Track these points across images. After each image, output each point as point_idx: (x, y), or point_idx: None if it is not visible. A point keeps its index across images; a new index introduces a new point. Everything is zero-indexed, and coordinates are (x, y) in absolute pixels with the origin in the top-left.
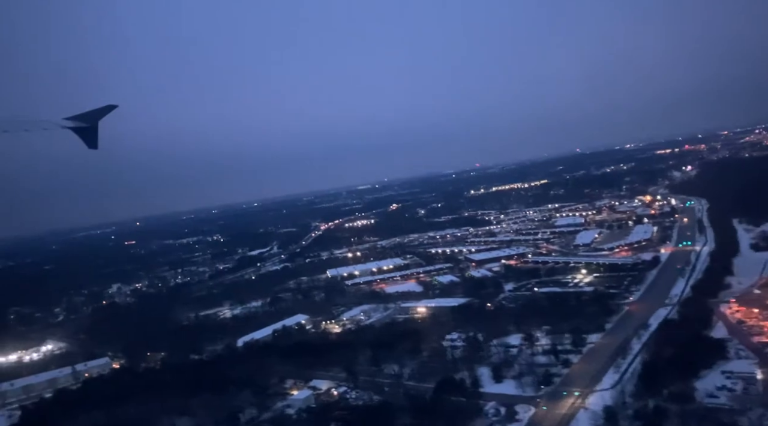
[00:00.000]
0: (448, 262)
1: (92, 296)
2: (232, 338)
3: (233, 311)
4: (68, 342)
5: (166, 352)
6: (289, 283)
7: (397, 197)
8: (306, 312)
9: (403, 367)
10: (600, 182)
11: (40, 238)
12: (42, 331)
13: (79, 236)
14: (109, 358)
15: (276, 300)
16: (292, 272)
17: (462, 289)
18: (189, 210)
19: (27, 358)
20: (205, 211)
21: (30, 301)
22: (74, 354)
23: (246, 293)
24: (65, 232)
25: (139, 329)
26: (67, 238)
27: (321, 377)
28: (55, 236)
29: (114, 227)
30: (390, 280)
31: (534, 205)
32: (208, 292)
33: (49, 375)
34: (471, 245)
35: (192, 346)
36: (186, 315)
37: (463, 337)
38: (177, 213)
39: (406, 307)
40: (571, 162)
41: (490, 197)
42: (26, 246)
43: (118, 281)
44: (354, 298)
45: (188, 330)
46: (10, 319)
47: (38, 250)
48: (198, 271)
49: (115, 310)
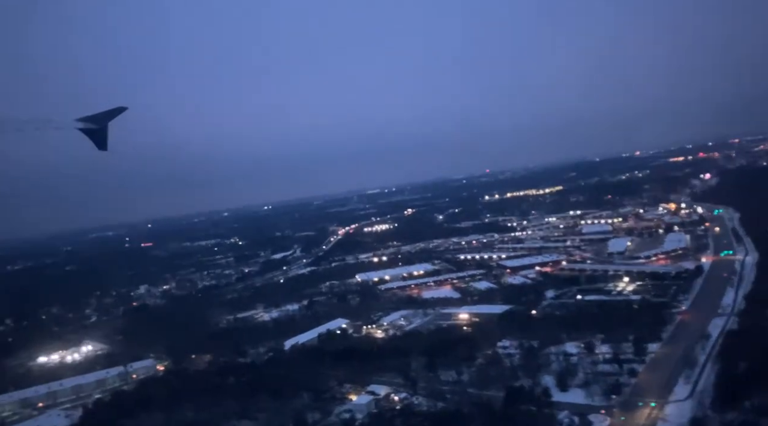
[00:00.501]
0: (480, 269)
1: (121, 297)
2: (274, 341)
3: (269, 314)
4: (106, 343)
5: (211, 355)
6: (319, 287)
7: (409, 202)
8: (344, 316)
9: (460, 373)
10: (618, 189)
11: (51, 239)
12: (77, 332)
13: (92, 237)
14: (153, 360)
15: (313, 304)
16: (320, 276)
17: (501, 295)
18: (199, 212)
19: (69, 358)
20: (216, 214)
21: (59, 301)
22: (115, 355)
23: (278, 296)
24: (75, 233)
25: (177, 331)
26: (80, 239)
27: (374, 382)
28: (66, 237)
29: (125, 229)
30: (424, 285)
31: (555, 212)
32: (239, 295)
33: (96, 375)
34: (500, 252)
35: (236, 349)
36: (221, 317)
37: (515, 344)
38: (187, 215)
39: (448, 314)
40: (582, 169)
41: (507, 203)
42: (39, 246)
43: (143, 283)
44: (389, 303)
45: (228, 332)
46: (43, 319)
47: (54, 251)
48: (224, 274)
49: (148, 311)
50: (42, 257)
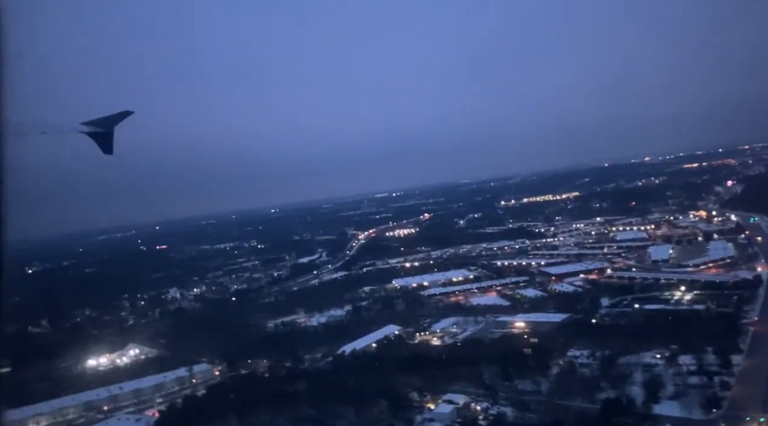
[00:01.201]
0: (521, 276)
1: (153, 300)
2: (327, 347)
3: (315, 319)
4: (151, 346)
5: (267, 359)
6: (357, 292)
7: (422, 206)
8: (392, 322)
9: (537, 383)
10: (640, 196)
11: (59, 241)
12: (117, 335)
13: (101, 239)
14: (208, 364)
15: (359, 309)
16: (355, 281)
17: (552, 303)
18: (205, 215)
19: (118, 361)
20: (223, 217)
21: (89, 304)
22: (165, 359)
23: (317, 301)
24: (83, 235)
25: (222, 335)
26: (89, 241)
27: (448, 391)
28: (74, 239)
29: (133, 231)
30: (466, 292)
31: (580, 218)
32: (275, 299)
33: (155, 379)
34: (536, 258)
35: (291, 354)
36: (263, 321)
37: (586, 353)
38: (193, 218)
39: (502, 321)
40: (594, 175)
41: (527, 209)
42: (50, 248)
43: (171, 286)
44: (435, 310)
45: (277, 337)
46: (78, 321)
47: (66, 253)
48: (253, 278)
49: (186, 314)
50: (57, 259)
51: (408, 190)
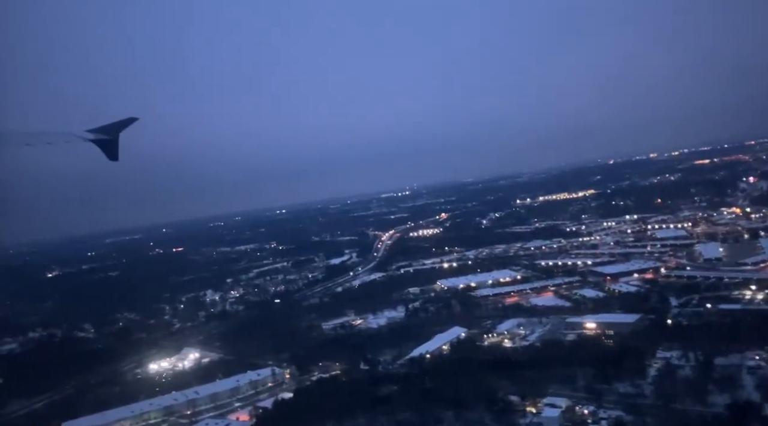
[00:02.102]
0: (570, 276)
1: (193, 303)
2: (395, 349)
3: (372, 321)
4: (208, 350)
5: (336, 362)
6: (402, 293)
7: (436, 206)
8: (451, 323)
9: (636, 386)
10: (663, 193)
11: (67, 244)
12: (168, 339)
13: (109, 242)
14: (277, 368)
15: (416, 311)
16: (396, 282)
17: (616, 304)
18: (209, 217)
19: (179, 366)
20: (227, 218)
21: (128, 308)
22: (228, 363)
23: (365, 303)
24: (88, 238)
25: (279, 337)
26: (97, 243)
27: (541, 394)
28: (81, 242)
29: (140, 233)
30: (519, 292)
31: (607, 216)
32: (320, 301)
33: (228, 384)
34: (580, 258)
35: (360, 357)
36: (317, 323)
37: (677, 355)
38: (198, 220)
39: (572, 323)
40: (603, 172)
41: (548, 207)
42: (59, 251)
43: (205, 288)
44: (493, 311)
45: (339, 339)
46: (124, 326)
47: (79, 257)
48: (289, 280)
49: (233, 317)
50: (74, 263)
51: (414, 189)
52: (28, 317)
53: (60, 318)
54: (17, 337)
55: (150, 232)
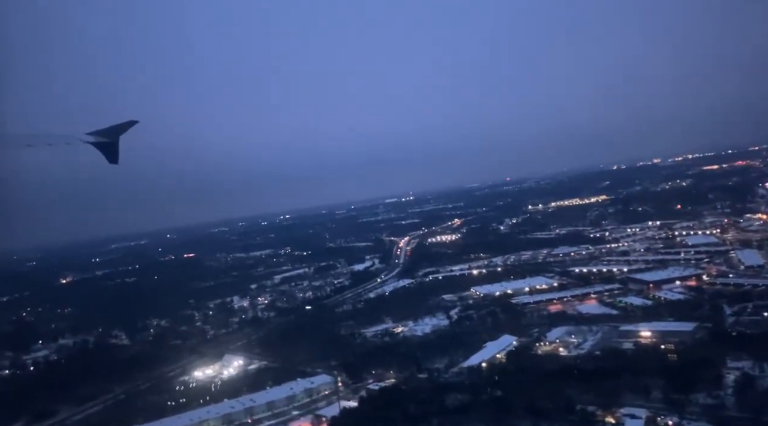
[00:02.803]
0: (609, 283)
1: (222, 310)
2: (447, 358)
3: (412, 328)
4: (250, 357)
5: (390, 370)
6: (437, 300)
7: (445, 211)
8: (496, 331)
9: (715, 397)
10: (681, 199)
11: (70, 250)
12: (206, 346)
13: (114, 248)
14: (328, 376)
15: (461, 318)
16: (427, 289)
17: (665, 312)
18: (211, 222)
19: (225, 373)
20: (230, 223)
21: (156, 314)
22: (274, 370)
23: (401, 309)
24: (91, 244)
25: (321, 344)
26: (102, 249)
27: (615, 404)
28: (85, 248)
29: (144, 239)
30: (561, 300)
31: (629, 222)
32: (354, 308)
33: (283, 391)
34: (613, 265)
35: (411, 365)
36: (355, 330)
37: (748, 365)
38: (200, 225)
39: (625, 331)
40: (611, 177)
41: (564, 213)
42: (64, 257)
43: (228, 295)
44: (538, 319)
45: (385, 347)
46: (157, 333)
47: (88, 262)
48: (314, 286)
49: (267, 324)
50: (87, 269)
51: (417, 194)
52: (53, 323)
53: (87, 324)
54: (47, 343)
55: (154, 238)
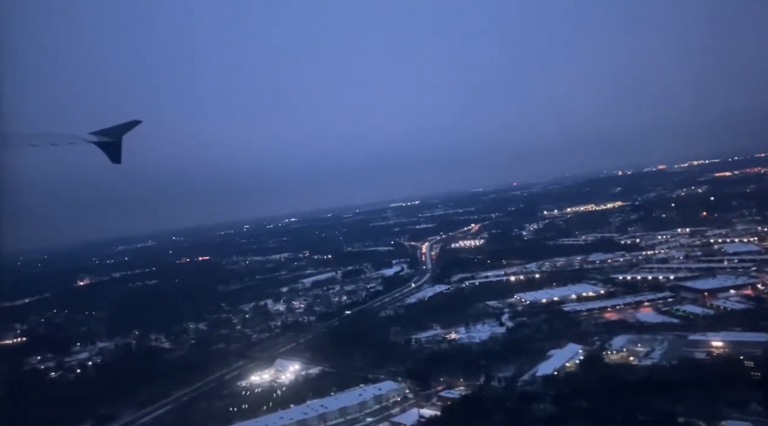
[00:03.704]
0: (656, 291)
1: (259, 313)
2: (513, 366)
3: (466, 335)
4: (302, 362)
5: (459, 378)
6: (481, 307)
7: (456, 216)
8: (552, 340)
9: None
10: (704, 206)
11: (75, 251)
12: (251, 350)
13: (121, 249)
14: (395, 382)
15: (519, 325)
16: (467, 295)
17: (731, 321)
18: (216, 224)
19: (283, 378)
20: (234, 226)
21: (190, 318)
22: (333, 376)
23: (447, 316)
24: (96, 245)
25: (374, 350)
26: (108, 251)
27: (715, 417)
28: (90, 250)
29: (150, 241)
30: (614, 308)
31: (656, 229)
32: (395, 313)
33: (352, 397)
34: (655, 272)
35: (478, 373)
36: (405, 336)
37: None
38: (205, 227)
39: (694, 340)
40: (622, 183)
41: (584, 219)
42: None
43: (259, 299)
44: (595, 327)
45: (442, 354)
46: (196, 336)
47: (98, 265)
48: (347, 290)
49: (309, 328)
50: (101, 271)
51: (423, 198)
52: (83, 326)
53: (120, 327)
54: (85, 346)
55: (159, 240)
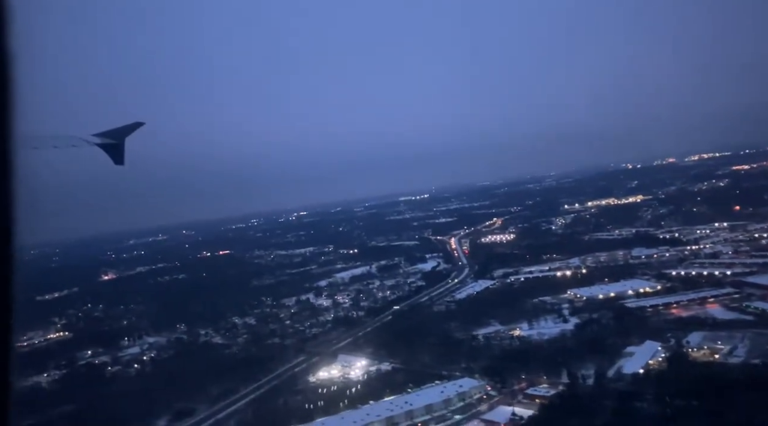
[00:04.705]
0: (718, 287)
1: (303, 308)
2: (592, 364)
3: (531, 331)
4: (366, 358)
5: (544, 376)
6: (535, 303)
7: (473, 210)
8: (621, 337)
9: None
10: (733, 199)
11: (86, 245)
12: (308, 345)
13: (132, 244)
14: (474, 380)
15: (586, 322)
16: (517, 291)
17: None
18: (222, 219)
19: (351, 374)
20: (242, 220)
21: (234, 313)
22: (404, 373)
23: (502, 311)
24: (106, 239)
25: (441, 347)
26: (120, 246)
27: None
28: (101, 243)
29: (161, 235)
30: (678, 304)
31: (691, 223)
32: (446, 309)
33: (435, 394)
34: (709, 268)
35: (558, 370)
36: (465, 333)
37: None
38: (213, 221)
39: None
40: (638, 177)
41: (610, 213)
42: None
43: (298, 293)
44: (665, 324)
45: (513, 350)
46: (247, 331)
47: (117, 259)
48: (388, 286)
49: (361, 323)
50: (122, 266)
51: (431, 192)
52: (124, 321)
53: (164, 322)
54: (134, 341)
55: (170, 233)
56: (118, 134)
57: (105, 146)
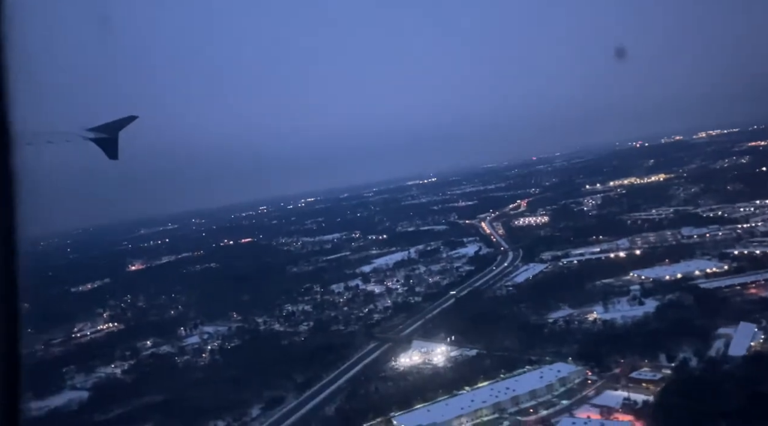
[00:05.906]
0: None
1: (356, 295)
2: (688, 347)
3: (607, 315)
4: (443, 344)
5: (645, 360)
6: (597, 285)
7: (490, 192)
8: (706, 319)
9: None
10: (760, 175)
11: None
12: (375, 331)
13: (143, 233)
14: (571, 365)
15: (665, 305)
16: (574, 274)
17: None
18: (229, 206)
19: (434, 360)
20: (251, 207)
21: (286, 301)
22: (490, 358)
23: (568, 294)
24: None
25: (520, 331)
26: (133, 235)
27: None
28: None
29: (170, 224)
30: (756, 284)
31: (728, 201)
32: (508, 293)
33: (534, 380)
34: None
35: (653, 354)
36: (539, 317)
37: None
38: (220, 209)
39: None
40: (652, 155)
41: (638, 193)
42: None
43: (343, 280)
44: (748, 306)
45: (601, 334)
46: (304, 319)
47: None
48: (435, 271)
49: (421, 308)
50: (145, 256)
51: (438, 175)
52: (171, 311)
53: (216, 311)
54: (190, 331)
55: (180, 222)
56: (111, 128)
57: (99, 141)
